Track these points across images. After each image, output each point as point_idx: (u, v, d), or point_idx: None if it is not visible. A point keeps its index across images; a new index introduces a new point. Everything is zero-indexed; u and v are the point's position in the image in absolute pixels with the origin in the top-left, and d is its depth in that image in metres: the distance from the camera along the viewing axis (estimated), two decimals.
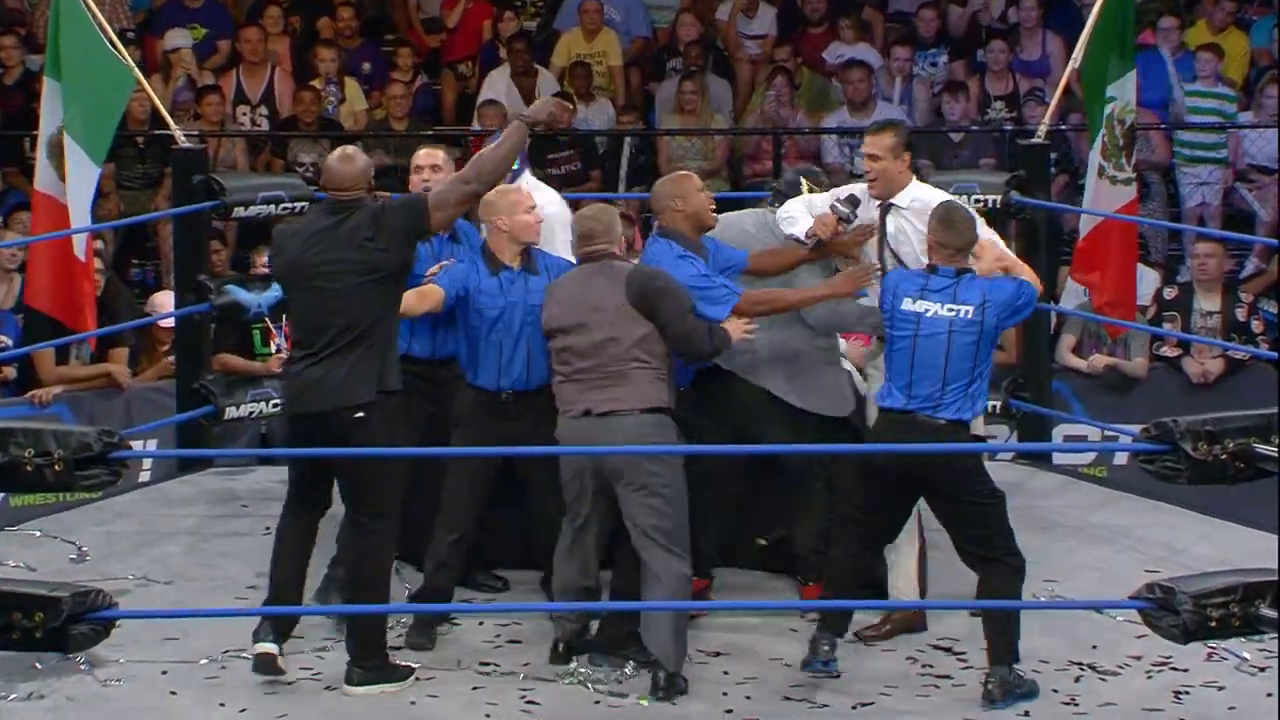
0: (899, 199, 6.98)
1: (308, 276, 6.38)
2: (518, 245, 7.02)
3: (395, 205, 6.51)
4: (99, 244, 9.57)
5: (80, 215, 8.44)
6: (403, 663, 6.59)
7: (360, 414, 6.31)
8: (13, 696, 6.61)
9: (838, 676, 6.49)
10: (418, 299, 6.89)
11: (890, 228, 6.98)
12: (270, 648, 6.50)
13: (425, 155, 7.54)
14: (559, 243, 7.22)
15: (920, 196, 6.98)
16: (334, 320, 6.32)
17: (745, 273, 7.05)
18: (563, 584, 6.86)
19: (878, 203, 7.00)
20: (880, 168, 6.96)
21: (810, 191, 7.25)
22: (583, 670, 6.74)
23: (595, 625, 6.82)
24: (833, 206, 6.98)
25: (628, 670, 6.70)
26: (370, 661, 6.49)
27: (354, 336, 6.32)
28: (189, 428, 8.75)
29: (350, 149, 6.58)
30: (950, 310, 6.51)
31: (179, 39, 12.68)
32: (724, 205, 11.08)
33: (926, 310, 6.53)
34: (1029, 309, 6.71)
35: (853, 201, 6.99)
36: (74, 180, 8.38)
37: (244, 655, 6.79)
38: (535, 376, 6.96)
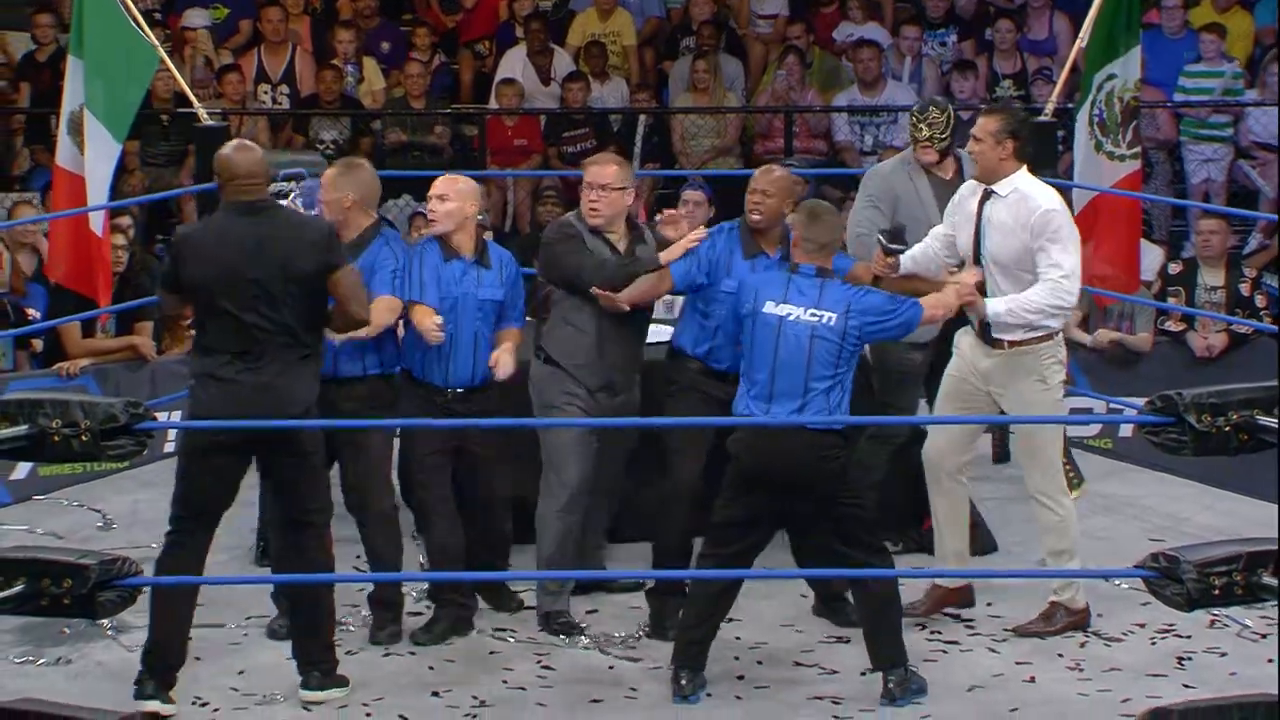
0: (999, 187, 6.69)
1: (241, 282, 6.08)
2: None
3: (320, 247, 6.16)
4: (126, 219, 9.57)
5: (98, 191, 8.44)
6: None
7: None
8: (41, 661, 6.65)
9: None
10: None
11: (986, 213, 6.70)
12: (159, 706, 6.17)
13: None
14: None
15: (1021, 189, 6.67)
16: (273, 326, 6.09)
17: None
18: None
19: (983, 188, 6.74)
20: (979, 150, 6.71)
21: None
22: (595, 636, 6.77)
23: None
24: (879, 242, 6.74)
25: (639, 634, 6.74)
26: (327, 664, 6.31)
27: (293, 342, 6.12)
28: None
29: (244, 139, 6.32)
30: (813, 315, 6.28)
31: (197, 18, 12.68)
32: (735, 182, 11.08)
33: (789, 314, 6.30)
34: (900, 329, 6.42)
35: (893, 234, 6.74)
36: (93, 157, 8.38)
37: (264, 620, 6.83)
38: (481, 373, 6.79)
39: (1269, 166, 11.88)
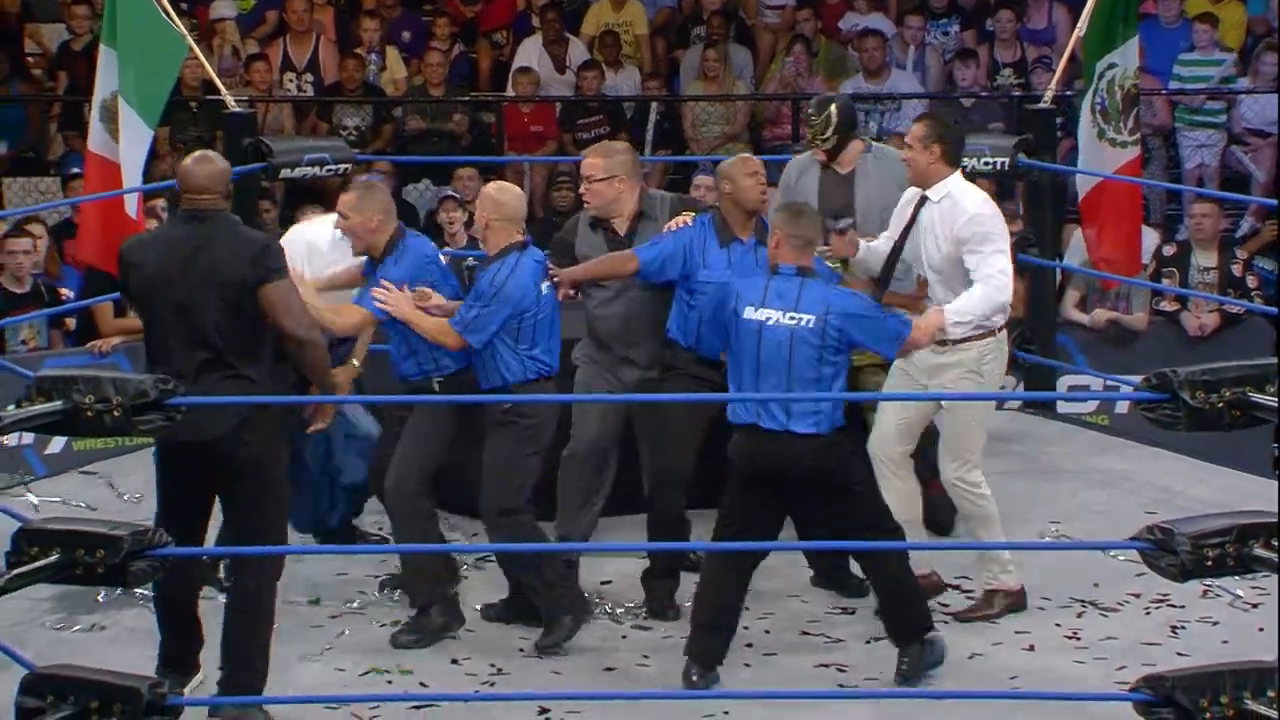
0: (932, 192, 6.59)
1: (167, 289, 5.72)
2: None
3: (251, 258, 5.72)
4: (160, 203, 9.57)
5: (133, 176, 8.46)
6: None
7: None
8: (76, 628, 6.67)
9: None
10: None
11: (921, 219, 6.64)
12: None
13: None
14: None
15: (953, 194, 6.58)
16: (193, 340, 5.73)
17: None
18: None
19: (920, 194, 6.66)
20: (909, 156, 6.62)
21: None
22: (611, 606, 6.78)
23: None
24: (826, 225, 6.67)
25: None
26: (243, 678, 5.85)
27: (213, 359, 5.73)
28: None
29: (210, 151, 6.02)
30: (792, 319, 6.07)
31: (225, 9, 12.69)
32: None
33: (768, 319, 6.09)
34: (886, 342, 6.23)
35: (835, 215, 6.77)
36: (127, 142, 8.39)
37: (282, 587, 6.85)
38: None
39: (1261, 152, 11.86)
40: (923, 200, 6.64)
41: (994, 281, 6.48)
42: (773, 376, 6.08)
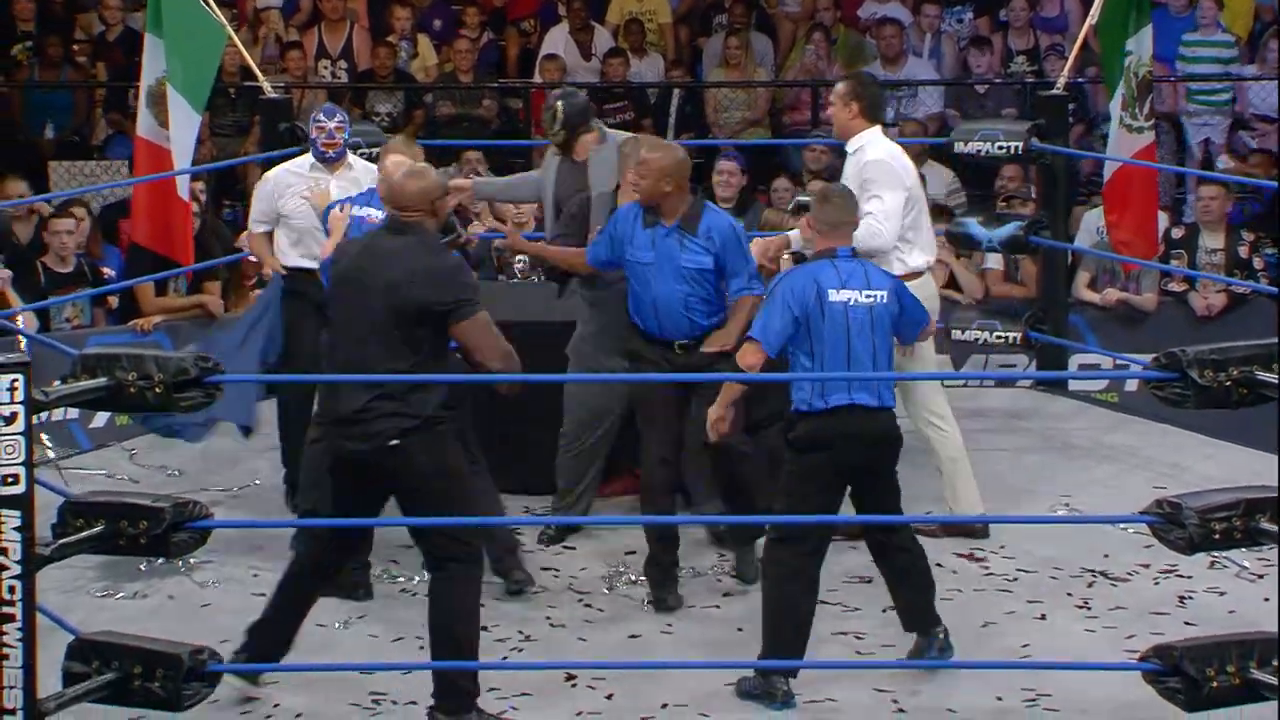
0: (849, 145, 6.90)
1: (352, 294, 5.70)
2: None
3: (440, 286, 5.60)
4: (199, 185, 9.59)
5: (183, 159, 8.50)
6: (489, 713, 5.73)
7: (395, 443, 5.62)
8: (120, 595, 6.70)
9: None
10: None
11: (845, 170, 6.90)
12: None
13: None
14: None
15: (865, 145, 6.83)
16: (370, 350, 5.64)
17: None
18: None
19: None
20: (832, 112, 7.00)
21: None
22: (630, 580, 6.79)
23: None
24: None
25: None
26: (451, 704, 5.67)
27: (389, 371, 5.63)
28: None
29: (423, 165, 6.01)
30: (869, 297, 5.96)
31: None
32: (765, 151, 11.07)
33: (850, 300, 5.95)
34: (910, 330, 6.18)
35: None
36: (177, 127, 8.44)
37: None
38: None
39: (1268, 138, 11.80)
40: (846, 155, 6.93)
41: (868, 221, 6.58)
42: (863, 355, 5.95)
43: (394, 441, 5.55)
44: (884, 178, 6.74)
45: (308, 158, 7.42)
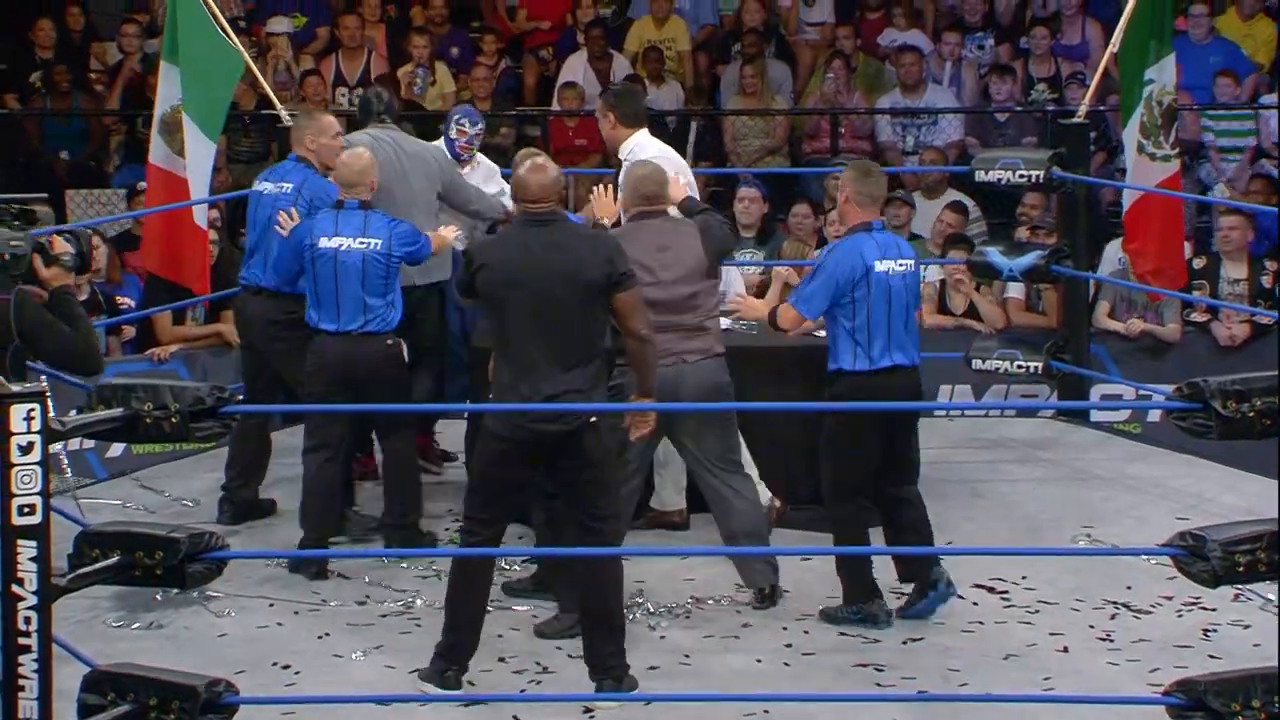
0: (621, 151, 7.27)
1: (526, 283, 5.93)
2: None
3: (609, 261, 5.95)
4: (215, 213, 9.62)
5: (200, 187, 8.51)
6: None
7: (594, 419, 5.97)
8: (135, 626, 6.70)
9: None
10: None
11: (621, 176, 7.07)
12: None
13: None
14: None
15: (635, 149, 7.22)
16: (557, 334, 5.93)
17: None
18: None
19: None
20: (601, 130, 7.40)
21: None
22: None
23: None
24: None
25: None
26: (618, 670, 6.06)
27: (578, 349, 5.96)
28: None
29: (542, 157, 6.21)
30: (901, 266, 6.50)
31: (279, 25, 12.74)
32: (785, 180, 11.07)
33: (889, 270, 6.48)
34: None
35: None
36: (193, 155, 8.45)
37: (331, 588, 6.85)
38: None
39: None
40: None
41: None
42: (900, 320, 6.48)
43: (594, 419, 5.91)
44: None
45: None
